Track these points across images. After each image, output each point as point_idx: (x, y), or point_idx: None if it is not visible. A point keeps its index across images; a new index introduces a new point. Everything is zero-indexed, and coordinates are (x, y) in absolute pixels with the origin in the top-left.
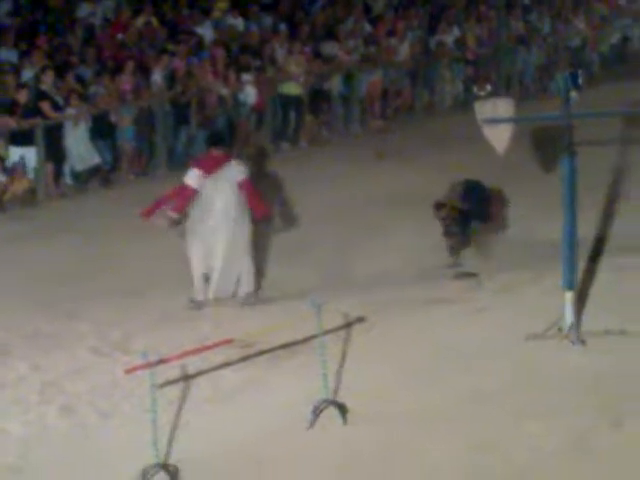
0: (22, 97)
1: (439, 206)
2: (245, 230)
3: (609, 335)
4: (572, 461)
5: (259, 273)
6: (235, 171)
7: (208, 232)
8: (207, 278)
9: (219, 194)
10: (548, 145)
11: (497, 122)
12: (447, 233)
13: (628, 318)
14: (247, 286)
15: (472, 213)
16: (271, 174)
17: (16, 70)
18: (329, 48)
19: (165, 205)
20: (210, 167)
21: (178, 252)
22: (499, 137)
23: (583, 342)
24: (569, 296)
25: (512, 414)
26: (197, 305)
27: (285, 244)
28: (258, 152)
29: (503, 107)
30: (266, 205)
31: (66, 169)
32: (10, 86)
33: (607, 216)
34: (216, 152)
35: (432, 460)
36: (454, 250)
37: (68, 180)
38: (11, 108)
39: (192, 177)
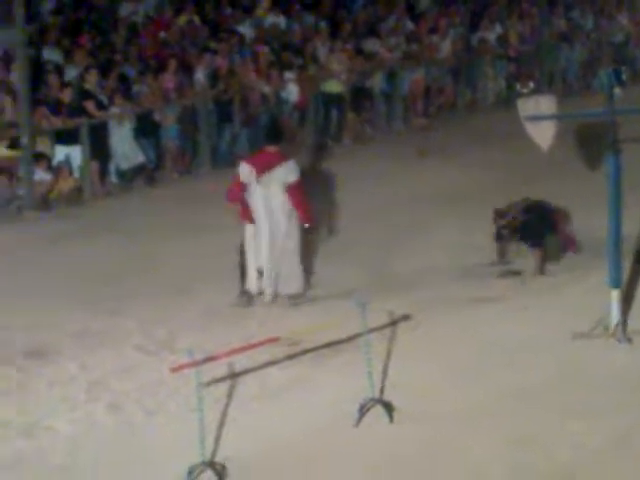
0: (66, 96)
1: (500, 213)
2: (294, 230)
3: None
4: (615, 460)
5: (307, 272)
6: (287, 172)
7: (261, 231)
8: (261, 272)
9: (271, 193)
10: (593, 142)
11: (540, 119)
12: (498, 239)
13: None
14: (296, 286)
15: (535, 227)
16: (321, 171)
17: (59, 69)
18: (371, 45)
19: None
20: (263, 164)
21: (222, 250)
22: (543, 134)
23: (630, 340)
24: (615, 294)
25: (556, 412)
26: (247, 300)
27: (329, 242)
28: (315, 147)
29: (546, 104)
30: (312, 213)
31: (111, 168)
32: (54, 85)
33: None
34: (271, 149)
35: (476, 458)
36: (502, 254)
37: (113, 179)
38: (56, 107)
39: (241, 171)
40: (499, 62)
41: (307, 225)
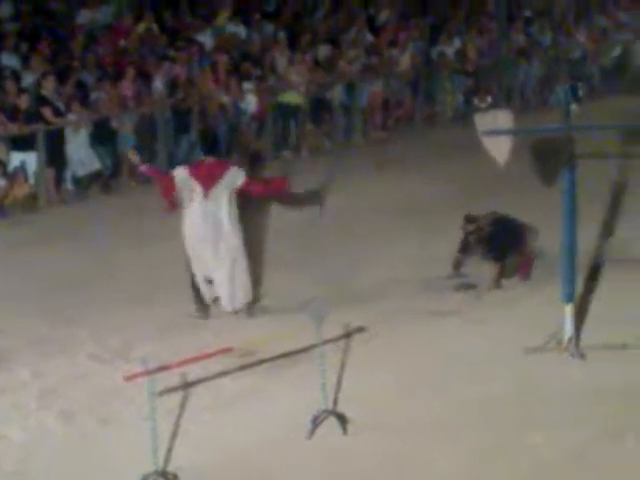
0: (23, 102)
1: (470, 219)
2: (238, 241)
3: (609, 349)
4: (574, 473)
5: (258, 283)
6: (234, 177)
7: (206, 242)
8: (210, 281)
9: (218, 205)
10: (549, 158)
11: (497, 134)
12: (463, 249)
13: (628, 331)
14: (244, 297)
15: (502, 240)
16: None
17: (16, 75)
18: (324, 51)
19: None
20: (208, 177)
21: (179, 259)
22: (499, 149)
23: (583, 355)
24: (568, 309)
25: (514, 425)
26: (204, 311)
27: (286, 253)
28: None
29: (503, 119)
30: (279, 185)
31: (67, 175)
32: (10, 91)
33: (606, 229)
34: (210, 160)
35: (434, 470)
36: (457, 267)
37: (69, 186)
38: (12, 113)
39: (177, 174)
40: (457, 76)
41: (284, 190)
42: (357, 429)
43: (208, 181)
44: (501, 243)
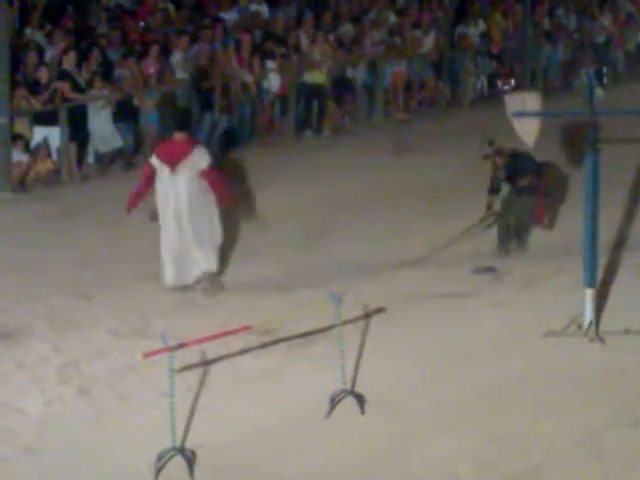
0: (43, 76)
1: (491, 143)
2: (207, 218)
3: (629, 334)
4: (586, 460)
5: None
6: (199, 158)
7: (171, 221)
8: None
9: (181, 183)
10: (574, 141)
11: (526, 116)
12: (494, 190)
13: None
14: (206, 265)
15: (520, 176)
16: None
17: (40, 50)
18: (347, 30)
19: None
20: (173, 155)
21: None
22: (528, 131)
23: (602, 340)
24: (589, 293)
25: (528, 409)
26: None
27: (306, 233)
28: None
29: (531, 102)
30: (229, 195)
31: (90, 151)
32: (30, 64)
33: (630, 214)
34: (179, 137)
35: (446, 452)
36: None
37: (91, 162)
38: (35, 88)
39: (152, 162)
40: (481, 59)
41: (227, 205)
42: (374, 409)
43: (173, 160)
44: (523, 171)
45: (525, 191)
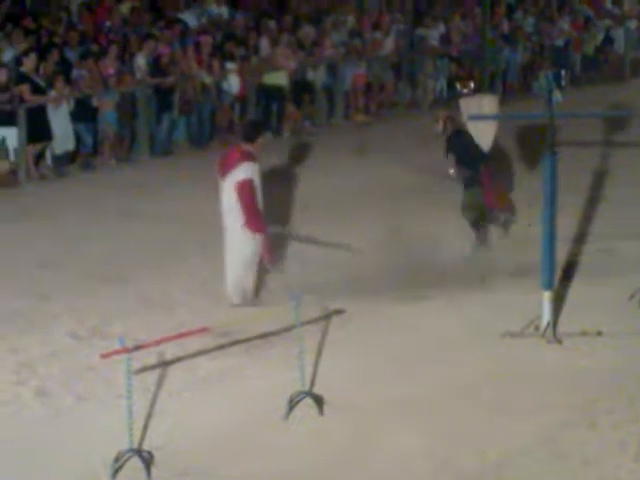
0: (1, 77)
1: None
2: (239, 236)
3: (585, 336)
4: (543, 460)
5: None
6: (240, 172)
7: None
8: None
9: (224, 191)
10: (531, 144)
11: (482, 119)
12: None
13: (604, 319)
14: (236, 297)
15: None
16: None
17: None
18: (307, 32)
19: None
20: (225, 163)
21: (157, 237)
22: (484, 133)
23: (559, 342)
24: (547, 295)
25: (485, 409)
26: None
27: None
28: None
29: (488, 104)
30: (256, 220)
31: (47, 151)
32: None
33: (586, 217)
34: (243, 147)
35: (404, 452)
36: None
37: (49, 162)
38: None
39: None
40: (440, 61)
41: (252, 231)
42: (333, 410)
43: (223, 168)
44: (455, 150)
45: (469, 182)
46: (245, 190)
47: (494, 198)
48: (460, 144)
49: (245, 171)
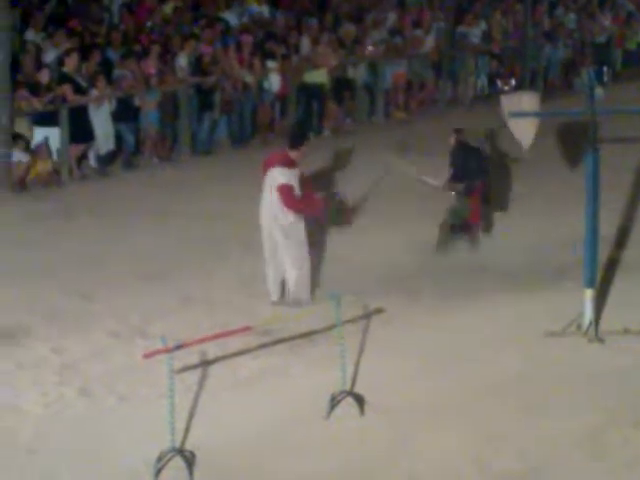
0: (43, 78)
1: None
2: (280, 238)
3: (628, 334)
4: (586, 460)
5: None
6: (277, 175)
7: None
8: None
9: (265, 191)
10: (573, 142)
11: (523, 116)
12: None
13: None
14: (293, 292)
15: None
16: None
17: (39, 51)
18: (346, 29)
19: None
20: (267, 166)
21: (198, 237)
22: (524, 131)
23: (602, 340)
24: (589, 294)
25: (527, 409)
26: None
27: (309, 231)
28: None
29: (529, 102)
30: (311, 208)
31: (90, 151)
32: (29, 66)
33: (629, 214)
34: (288, 153)
35: (445, 452)
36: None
37: (91, 162)
38: (34, 88)
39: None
40: (481, 58)
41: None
42: (374, 410)
43: (263, 171)
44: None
45: (464, 192)
46: (285, 193)
47: (478, 216)
48: (463, 157)
49: (284, 175)
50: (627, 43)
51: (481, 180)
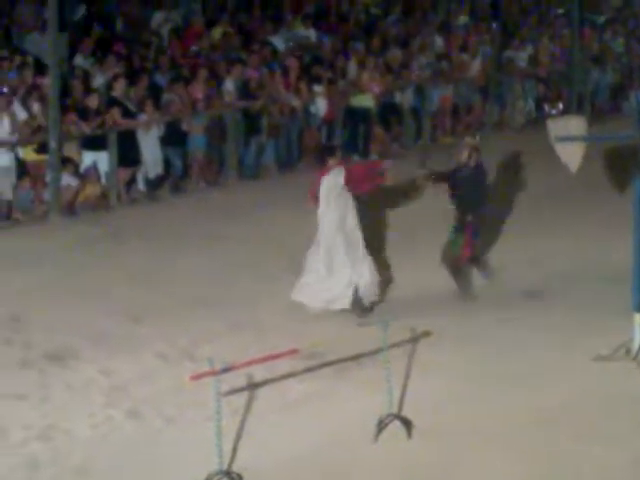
0: (92, 102)
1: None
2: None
3: None
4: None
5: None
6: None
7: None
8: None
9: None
10: (621, 166)
11: (570, 140)
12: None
13: None
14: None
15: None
16: None
17: (86, 75)
18: (395, 55)
19: None
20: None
21: (246, 261)
22: (571, 155)
23: None
24: (638, 318)
25: (576, 435)
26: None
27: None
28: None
29: (576, 125)
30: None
31: (138, 175)
32: (77, 90)
33: None
34: (332, 161)
35: (492, 476)
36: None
37: (140, 186)
38: (83, 113)
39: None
40: (528, 82)
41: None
42: (421, 433)
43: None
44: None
45: (457, 227)
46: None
47: (467, 250)
48: (473, 182)
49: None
50: None
51: (477, 213)
